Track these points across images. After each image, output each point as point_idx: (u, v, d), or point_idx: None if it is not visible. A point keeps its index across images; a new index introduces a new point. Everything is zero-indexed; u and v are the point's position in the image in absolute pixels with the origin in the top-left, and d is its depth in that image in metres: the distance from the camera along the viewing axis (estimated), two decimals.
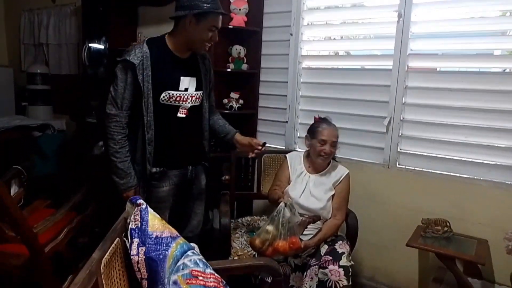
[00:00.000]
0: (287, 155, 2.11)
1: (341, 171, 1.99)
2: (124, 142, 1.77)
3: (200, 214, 2.07)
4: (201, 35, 1.72)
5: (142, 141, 1.78)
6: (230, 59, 2.73)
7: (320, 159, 1.94)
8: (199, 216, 2.07)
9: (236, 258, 1.99)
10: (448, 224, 2.00)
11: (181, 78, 1.78)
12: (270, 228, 1.70)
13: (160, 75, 1.74)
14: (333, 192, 1.95)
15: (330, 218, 1.93)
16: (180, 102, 1.80)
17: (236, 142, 1.97)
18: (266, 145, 1.94)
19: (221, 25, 1.78)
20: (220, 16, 1.75)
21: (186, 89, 1.81)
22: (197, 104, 1.88)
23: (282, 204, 1.73)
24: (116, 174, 1.78)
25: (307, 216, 1.87)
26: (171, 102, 1.78)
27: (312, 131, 1.99)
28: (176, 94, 1.78)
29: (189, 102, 1.83)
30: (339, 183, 1.97)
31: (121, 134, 1.75)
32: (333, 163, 2.03)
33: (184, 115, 1.83)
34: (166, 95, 1.76)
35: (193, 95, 1.84)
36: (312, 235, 1.89)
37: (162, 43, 1.79)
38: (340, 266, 1.74)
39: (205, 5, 1.67)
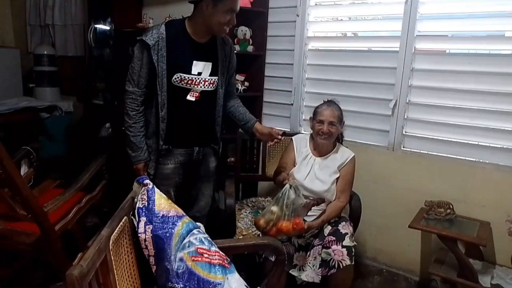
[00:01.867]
0: (293, 137, 2.11)
1: (346, 154, 2.00)
2: (138, 118, 1.85)
3: (208, 195, 2.10)
4: (218, 18, 1.72)
5: (156, 118, 1.85)
6: (235, 40, 2.71)
7: (319, 138, 1.95)
8: (207, 198, 2.10)
9: (240, 237, 2.03)
10: (451, 206, 2.02)
11: (194, 62, 1.80)
12: (274, 208, 1.73)
13: (174, 58, 1.77)
14: (337, 175, 1.96)
15: (334, 200, 1.95)
16: (192, 86, 1.82)
17: (256, 131, 1.99)
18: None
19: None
20: None
21: (199, 73, 1.82)
22: (210, 89, 1.89)
23: (287, 185, 1.74)
24: (129, 147, 1.87)
25: (311, 198, 1.90)
26: (182, 84, 1.80)
27: (314, 112, 2.01)
28: (188, 77, 1.80)
29: (201, 86, 1.84)
30: (344, 165, 1.97)
31: (135, 111, 1.83)
32: (339, 145, 2.04)
33: (194, 98, 1.84)
34: (177, 77, 1.79)
35: (207, 79, 1.85)
36: (315, 217, 1.92)
37: (181, 26, 1.81)
38: (343, 246, 1.77)
39: None
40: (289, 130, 2.71)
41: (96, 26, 3.43)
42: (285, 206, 1.70)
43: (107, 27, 3.40)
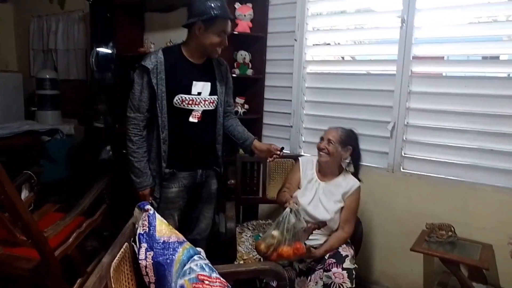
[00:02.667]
0: (299, 158, 2.12)
1: (351, 183, 1.97)
2: (141, 143, 1.87)
3: (209, 217, 2.11)
4: (210, 40, 1.80)
5: (157, 141, 1.87)
6: (235, 64, 2.76)
7: (318, 155, 1.97)
8: (208, 220, 2.11)
9: (241, 262, 2.01)
10: (452, 228, 2.01)
11: (194, 82, 1.86)
12: (275, 233, 1.72)
13: (173, 80, 1.83)
14: (342, 204, 1.94)
15: (337, 229, 1.93)
16: (193, 106, 1.87)
17: (255, 148, 2.00)
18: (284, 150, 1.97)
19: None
20: (229, 21, 1.82)
21: (199, 93, 1.88)
22: (211, 108, 1.93)
23: (287, 209, 1.74)
24: (134, 173, 1.89)
25: (312, 222, 1.89)
26: (184, 105, 1.85)
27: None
28: (189, 98, 1.85)
29: (202, 106, 1.89)
30: (349, 195, 1.95)
31: (138, 136, 1.86)
32: (345, 173, 2.02)
33: (196, 120, 1.89)
34: (179, 99, 1.84)
35: (207, 99, 1.90)
36: (317, 240, 1.90)
37: (177, 51, 1.89)
38: (343, 269, 1.75)
39: (212, 11, 1.74)
40: (289, 152, 2.73)
41: (98, 50, 3.50)
42: (286, 231, 1.70)
43: (109, 51, 3.47)
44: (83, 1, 3.61)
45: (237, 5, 2.69)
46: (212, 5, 1.74)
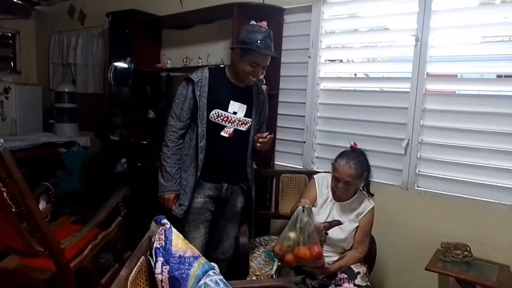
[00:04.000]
0: (314, 176, 2.11)
1: (366, 204, 1.95)
2: (176, 150, 1.97)
3: (232, 237, 2.14)
4: (243, 67, 1.90)
5: (195, 149, 1.96)
6: None
7: (337, 192, 1.94)
8: (232, 239, 2.14)
9: (254, 278, 2.01)
10: (468, 248, 1.98)
11: (231, 101, 1.96)
12: (291, 234, 1.69)
13: (213, 95, 1.94)
14: (356, 224, 1.92)
15: (350, 249, 1.91)
16: (227, 123, 1.96)
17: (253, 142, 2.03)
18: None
19: None
20: (266, 56, 1.89)
21: (235, 113, 1.97)
22: (243, 129, 2.01)
23: (299, 208, 1.70)
24: (163, 176, 1.98)
25: (323, 222, 1.82)
26: (218, 120, 1.95)
27: (333, 163, 1.95)
28: (224, 114, 1.95)
29: (235, 125, 1.98)
30: (363, 216, 1.93)
31: (174, 142, 1.97)
32: (360, 193, 2.00)
33: (227, 135, 1.97)
34: (215, 113, 1.94)
35: (241, 120, 1.99)
36: (330, 258, 1.89)
37: (222, 71, 2.04)
38: (355, 285, 1.74)
39: (252, 42, 1.84)
40: (301, 167, 2.74)
41: (116, 65, 3.59)
42: (300, 231, 1.68)
43: (126, 66, 3.56)
44: (102, 18, 3.73)
45: (252, 22, 2.74)
46: (254, 37, 1.83)
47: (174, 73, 3.35)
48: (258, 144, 1.96)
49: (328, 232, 1.79)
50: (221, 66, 2.12)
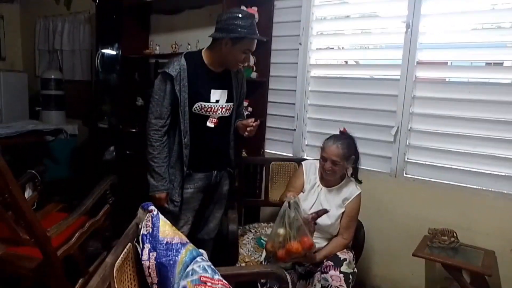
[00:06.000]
0: (303, 163, 2.11)
1: (353, 190, 1.96)
2: (162, 148, 1.91)
3: (218, 218, 2.17)
4: (235, 57, 1.86)
5: (179, 145, 1.92)
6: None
7: (324, 174, 1.95)
8: (217, 220, 2.17)
9: (243, 264, 2.02)
10: (454, 234, 2.01)
11: (212, 90, 1.92)
12: (280, 231, 1.71)
13: (194, 88, 1.88)
14: (343, 210, 1.93)
15: (336, 235, 1.93)
16: (211, 113, 1.93)
17: (238, 128, 2.03)
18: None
19: None
20: (255, 40, 1.87)
21: (217, 101, 1.94)
22: (227, 115, 1.99)
23: (285, 203, 1.72)
24: (152, 177, 1.93)
25: (311, 213, 1.84)
26: (202, 112, 1.91)
27: (322, 145, 1.97)
28: (208, 105, 1.91)
29: (219, 113, 1.95)
30: (350, 202, 1.94)
31: (159, 141, 1.90)
32: (347, 179, 2.00)
33: (213, 125, 1.95)
34: (198, 106, 1.90)
35: (223, 106, 1.96)
36: (317, 244, 1.89)
37: (199, 57, 1.93)
38: (341, 272, 1.76)
39: (241, 29, 1.79)
40: (291, 155, 2.73)
41: (103, 51, 3.52)
42: (289, 226, 1.69)
43: (114, 53, 3.49)
44: (89, 2, 3.63)
45: (242, 8, 2.70)
46: (242, 23, 1.78)
47: (163, 60, 3.28)
48: (246, 133, 1.94)
49: (316, 222, 1.80)
50: (197, 51, 2.01)
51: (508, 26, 2.10)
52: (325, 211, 1.81)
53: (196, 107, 1.90)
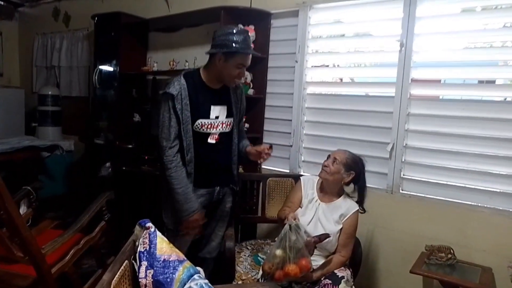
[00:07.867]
0: (301, 178, 2.12)
1: (351, 207, 1.95)
2: (179, 168, 1.89)
3: (220, 236, 2.14)
4: (229, 71, 1.87)
5: (182, 162, 1.91)
6: None
7: (320, 172, 1.97)
8: (219, 239, 2.14)
9: (240, 282, 1.99)
10: (451, 251, 2.01)
11: (212, 107, 1.93)
12: (278, 252, 1.69)
13: (194, 106, 1.89)
14: (341, 226, 1.92)
15: (334, 251, 1.91)
16: (211, 129, 1.94)
17: (247, 153, 2.05)
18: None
19: None
20: (249, 55, 1.89)
21: (217, 117, 1.95)
22: (227, 130, 2.00)
23: (286, 226, 1.72)
24: (178, 201, 1.88)
25: (313, 236, 1.83)
26: (203, 130, 1.93)
27: None
28: (208, 122, 1.93)
29: (219, 129, 1.97)
30: (347, 218, 1.93)
31: (174, 162, 1.88)
32: (345, 196, 2.01)
33: (214, 141, 1.96)
34: (199, 124, 1.91)
35: (224, 122, 1.98)
36: (315, 261, 1.87)
37: (197, 76, 1.95)
38: None
39: (234, 45, 1.81)
40: (288, 171, 2.74)
41: (101, 68, 3.54)
42: (288, 249, 1.68)
43: (112, 69, 3.51)
44: (88, 20, 3.68)
45: (240, 26, 2.74)
46: (235, 38, 1.80)
47: (161, 76, 3.32)
48: (261, 160, 1.97)
49: (317, 246, 1.80)
50: (195, 69, 2.03)
51: (500, 45, 2.16)
52: (327, 236, 1.81)
53: (197, 125, 1.91)
